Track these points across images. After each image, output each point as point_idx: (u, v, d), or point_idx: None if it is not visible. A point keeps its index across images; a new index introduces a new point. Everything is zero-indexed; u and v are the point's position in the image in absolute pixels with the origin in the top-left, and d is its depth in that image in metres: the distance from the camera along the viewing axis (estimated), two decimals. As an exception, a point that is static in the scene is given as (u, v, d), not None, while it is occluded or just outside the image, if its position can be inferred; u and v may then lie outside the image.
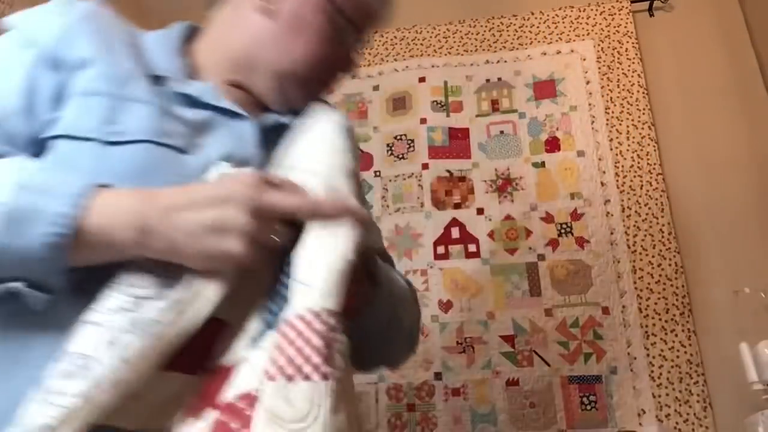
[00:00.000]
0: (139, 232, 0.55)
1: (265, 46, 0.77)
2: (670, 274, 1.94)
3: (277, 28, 0.76)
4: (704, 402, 1.79)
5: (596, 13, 2.31)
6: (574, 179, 2.10)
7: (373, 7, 0.80)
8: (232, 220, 0.54)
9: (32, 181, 0.54)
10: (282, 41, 0.76)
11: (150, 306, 0.54)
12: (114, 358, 0.50)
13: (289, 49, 0.76)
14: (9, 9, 1.82)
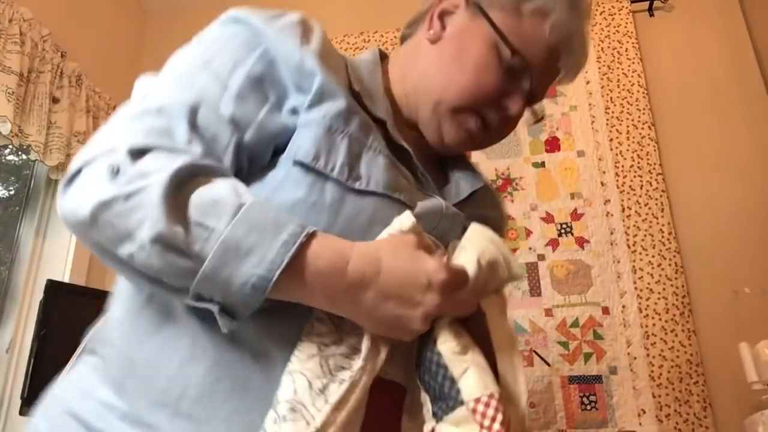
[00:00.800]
0: (339, 301, 0.56)
1: (428, 75, 0.74)
2: (670, 274, 1.94)
3: (442, 55, 0.74)
4: (704, 402, 1.79)
5: (596, 13, 2.30)
6: (574, 179, 2.10)
7: (555, 53, 0.73)
8: (428, 306, 0.56)
9: (253, 216, 0.54)
10: (444, 69, 0.73)
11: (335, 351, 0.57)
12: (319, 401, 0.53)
13: (449, 77, 0.72)
14: (9, 9, 1.82)
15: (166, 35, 2.70)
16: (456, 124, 0.73)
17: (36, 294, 1.98)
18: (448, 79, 0.72)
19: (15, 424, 1.82)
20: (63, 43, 2.07)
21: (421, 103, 0.75)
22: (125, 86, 2.83)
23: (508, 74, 0.71)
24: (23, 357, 1.86)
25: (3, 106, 1.73)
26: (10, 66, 1.78)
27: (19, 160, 2.19)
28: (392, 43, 2.41)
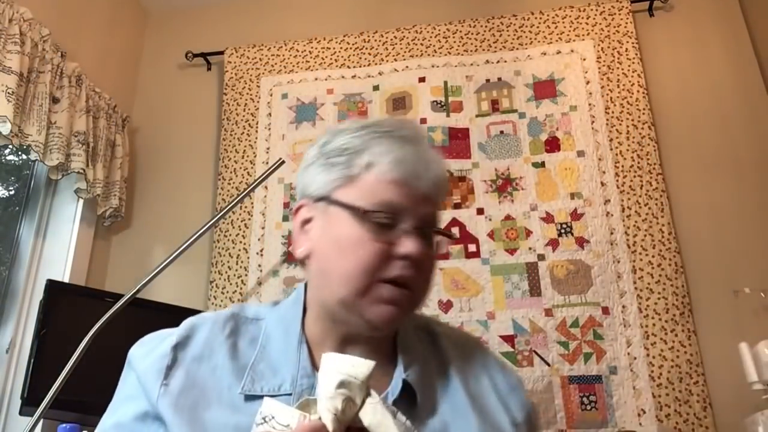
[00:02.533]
0: None
1: (319, 287, 0.76)
2: (670, 274, 1.94)
3: (320, 261, 0.75)
4: (704, 402, 1.79)
5: (596, 13, 2.31)
6: (574, 179, 2.10)
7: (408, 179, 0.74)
8: None
9: None
10: (327, 271, 0.74)
11: None
12: None
13: (335, 274, 0.73)
14: (9, 9, 1.82)
15: (166, 35, 2.70)
16: (372, 304, 0.72)
17: (36, 294, 1.98)
18: (335, 275, 0.73)
19: (15, 424, 1.82)
20: (63, 43, 2.07)
21: (334, 313, 0.75)
22: (125, 86, 2.86)
23: (383, 232, 0.72)
24: (23, 357, 1.87)
25: (3, 106, 1.73)
26: (10, 66, 1.78)
27: (19, 160, 2.19)
28: (392, 43, 2.41)
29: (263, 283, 2.16)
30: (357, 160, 0.74)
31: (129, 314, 1.62)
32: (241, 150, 2.37)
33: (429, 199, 0.75)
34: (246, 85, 2.47)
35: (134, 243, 2.36)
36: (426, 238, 0.74)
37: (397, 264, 0.72)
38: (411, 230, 0.72)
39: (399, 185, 0.73)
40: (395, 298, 0.72)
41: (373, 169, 0.74)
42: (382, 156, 0.74)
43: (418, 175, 0.74)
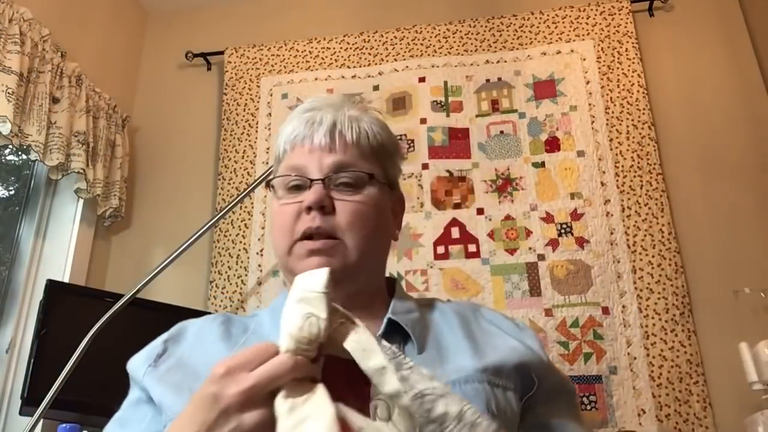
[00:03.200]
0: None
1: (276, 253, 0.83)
2: (670, 274, 1.94)
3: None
4: (704, 402, 1.79)
5: (596, 13, 2.31)
6: (574, 179, 2.10)
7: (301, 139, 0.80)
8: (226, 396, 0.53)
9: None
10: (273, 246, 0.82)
11: None
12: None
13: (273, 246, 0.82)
14: (9, 9, 1.82)
15: (166, 35, 2.70)
16: (298, 260, 0.75)
17: (36, 294, 1.98)
18: (274, 248, 0.82)
19: (15, 424, 1.82)
20: (63, 43, 2.07)
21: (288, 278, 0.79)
22: (125, 86, 2.86)
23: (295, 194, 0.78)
24: (23, 357, 1.86)
25: (3, 106, 1.73)
26: (10, 66, 1.78)
27: (19, 160, 2.19)
28: (392, 43, 2.41)
29: (263, 283, 2.16)
30: (277, 147, 0.84)
31: (129, 314, 1.62)
32: (241, 150, 2.37)
33: (327, 149, 0.78)
34: (246, 85, 2.47)
35: (134, 243, 2.36)
36: (341, 186, 0.77)
37: (305, 218, 0.75)
38: (310, 183, 0.76)
39: (295, 148, 0.80)
40: (313, 249, 0.74)
41: (281, 148, 0.83)
42: (284, 132, 0.83)
43: (307, 133, 0.79)
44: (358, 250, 0.76)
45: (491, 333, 0.79)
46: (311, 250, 0.74)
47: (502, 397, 0.70)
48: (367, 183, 0.78)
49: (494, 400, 0.69)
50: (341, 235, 0.75)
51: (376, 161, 0.82)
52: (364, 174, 0.78)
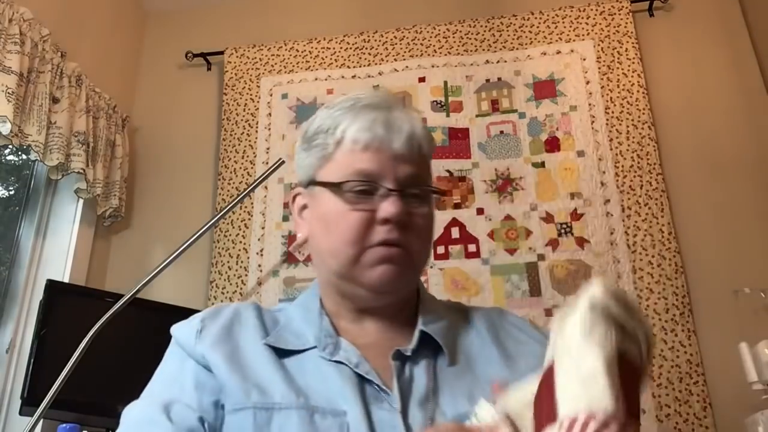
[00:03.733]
0: None
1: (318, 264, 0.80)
2: (670, 274, 1.94)
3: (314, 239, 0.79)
4: (704, 402, 1.79)
5: (596, 13, 2.31)
6: (574, 179, 2.10)
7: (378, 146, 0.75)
8: None
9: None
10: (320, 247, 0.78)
11: None
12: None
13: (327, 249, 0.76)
14: (9, 9, 1.82)
15: (166, 35, 2.70)
16: (365, 269, 0.74)
17: (36, 294, 1.98)
18: (326, 251, 0.76)
19: (15, 424, 1.82)
20: (63, 43, 2.07)
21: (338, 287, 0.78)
22: (125, 86, 2.86)
23: (362, 200, 0.74)
24: (23, 357, 1.86)
25: (3, 106, 1.73)
26: (10, 66, 1.78)
27: (19, 160, 2.19)
28: (392, 43, 2.41)
29: (263, 283, 2.16)
30: (330, 138, 0.77)
31: (129, 314, 1.61)
32: (241, 150, 2.37)
33: (404, 159, 0.75)
34: (246, 85, 2.47)
35: (134, 243, 2.36)
36: (411, 198, 0.75)
37: (381, 229, 0.73)
38: (388, 193, 0.73)
39: (368, 151, 0.74)
40: (386, 256, 0.73)
41: (343, 143, 0.76)
42: (350, 128, 0.76)
43: (386, 138, 0.75)
44: (420, 262, 0.78)
45: (519, 341, 0.79)
46: (383, 258, 0.73)
47: None
48: (430, 198, 0.79)
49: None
50: (411, 248, 0.75)
51: (429, 172, 0.82)
52: (433, 189, 0.79)
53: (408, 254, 0.75)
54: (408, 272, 0.76)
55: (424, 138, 0.78)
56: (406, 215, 0.73)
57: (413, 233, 0.75)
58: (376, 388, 0.69)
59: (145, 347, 1.85)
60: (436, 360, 0.73)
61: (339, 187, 0.74)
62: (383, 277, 0.73)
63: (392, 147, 0.75)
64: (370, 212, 0.73)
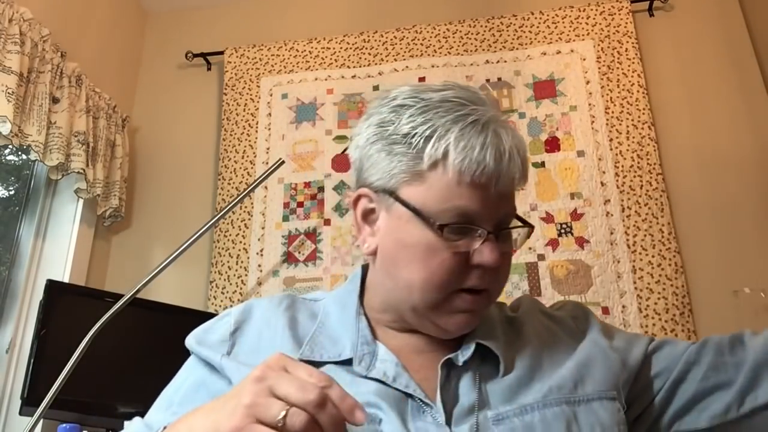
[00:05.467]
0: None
1: (387, 288, 0.72)
2: (670, 274, 1.94)
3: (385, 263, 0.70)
4: (704, 402, 1.79)
5: (596, 13, 2.31)
6: (574, 179, 2.10)
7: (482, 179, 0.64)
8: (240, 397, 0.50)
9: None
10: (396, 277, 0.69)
11: None
12: None
13: (405, 282, 0.68)
14: (9, 9, 1.82)
15: (166, 35, 2.70)
16: (446, 314, 0.68)
17: (36, 294, 1.98)
18: (404, 282, 0.67)
19: (15, 424, 1.82)
20: (63, 43, 2.07)
21: (402, 313, 0.71)
22: (125, 86, 2.85)
23: (457, 238, 0.65)
24: (23, 357, 1.86)
25: (3, 106, 1.73)
26: (10, 66, 1.78)
27: (19, 160, 2.19)
28: (392, 43, 2.41)
29: (263, 283, 2.16)
30: (425, 150, 0.65)
31: (129, 314, 1.62)
32: (241, 150, 2.37)
33: (507, 197, 0.68)
34: (246, 85, 2.47)
35: (134, 243, 2.36)
36: (504, 238, 0.69)
37: (474, 273, 0.66)
38: (488, 236, 0.65)
39: (476, 188, 0.64)
40: (471, 307, 0.68)
41: (445, 166, 0.64)
42: (455, 150, 0.64)
43: (497, 173, 0.64)
44: (496, 299, 0.72)
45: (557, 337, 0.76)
46: (468, 308, 0.68)
47: (585, 413, 0.67)
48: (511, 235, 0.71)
49: (575, 421, 0.65)
50: (494, 292, 0.70)
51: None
52: (526, 224, 0.72)
53: (491, 298, 0.70)
54: (484, 314, 0.71)
55: (526, 165, 0.68)
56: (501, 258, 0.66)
57: (501, 276, 0.69)
58: (418, 402, 0.65)
59: (145, 347, 1.86)
60: (486, 369, 0.69)
61: (431, 218, 0.65)
62: (462, 324, 0.68)
63: (500, 185, 0.65)
64: (464, 253, 0.65)
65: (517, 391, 0.67)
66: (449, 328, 0.68)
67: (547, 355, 0.72)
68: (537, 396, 0.66)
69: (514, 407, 0.65)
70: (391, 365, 0.68)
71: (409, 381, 0.66)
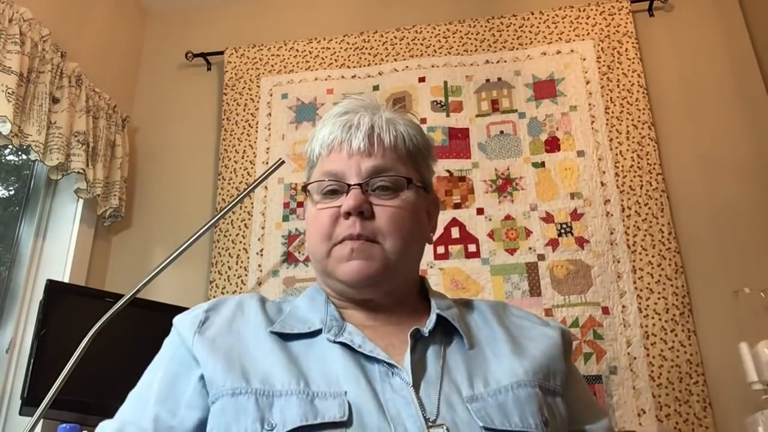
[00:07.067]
0: None
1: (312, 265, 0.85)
2: (670, 274, 1.94)
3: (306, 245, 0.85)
4: (704, 402, 1.79)
5: (596, 13, 2.31)
6: (574, 179, 2.10)
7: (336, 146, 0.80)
8: None
9: None
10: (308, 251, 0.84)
11: None
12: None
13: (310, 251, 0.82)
14: (9, 9, 1.82)
15: (166, 35, 2.70)
16: (338, 265, 0.77)
17: (36, 294, 1.98)
18: (310, 252, 0.82)
19: (15, 424, 1.82)
20: (63, 43, 2.07)
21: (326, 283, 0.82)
22: (125, 86, 2.86)
23: (332, 199, 0.78)
24: (23, 357, 1.86)
25: (3, 106, 1.73)
26: (10, 66, 1.78)
27: (19, 160, 2.19)
28: (392, 43, 2.41)
29: (263, 283, 2.16)
30: (310, 149, 0.85)
31: (129, 314, 1.61)
32: (241, 150, 2.37)
33: (366, 153, 0.79)
34: (246, 85, 2.47)
35: (134, 243, 2.36)
36: (380, 190, 0.78)
37: (345, 223, 0.76)
38: (349, 188, 0.77)
39: (332, 152, 0.80)
40: (353, 250, 0.75)
41: (316, 151, 0.83)
42: (319, 136, 0.83)
43: (346, 137, 0.79)
44: (397, 253, 0.77)
45: (524, 327, 0.81)
46: (351, 252, 0.75)
47: (553, 403, 0.72)
48: (405, 187, 0.79)
49: (546, 406, 0.70)
50: (381, 239, 0.76)
51: (413, 165, 0.83)
52: (402, 178, 0.79)
53: (380, 247, 0.76)
54: (382, 264, 0.76)
55: (390, 132, 0.80)
56: (369, 206, 0.76)
57: (383, 224, 0.76)
58: (385, 365, 0.70)
59: (145, 347, 1.85)
60: (449, 344, 0.75)
61: (307, 189, 0.81)
62: (354, 270, 0.75)
63: (351, 144, 0.79)
64: (336, 209, 0.77)
65: (483, 367, 0.72)
66: (344, 276, 0.76)
67: (516, 342, 0.77)
68: (510, 376, 0.71)
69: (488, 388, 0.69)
70: (358, 336, 0.74)
71: (374, 347, 0.72)
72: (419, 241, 0.83)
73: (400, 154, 0.81)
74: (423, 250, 0.85)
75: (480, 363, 0.73)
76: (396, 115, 0.84)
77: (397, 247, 0.77)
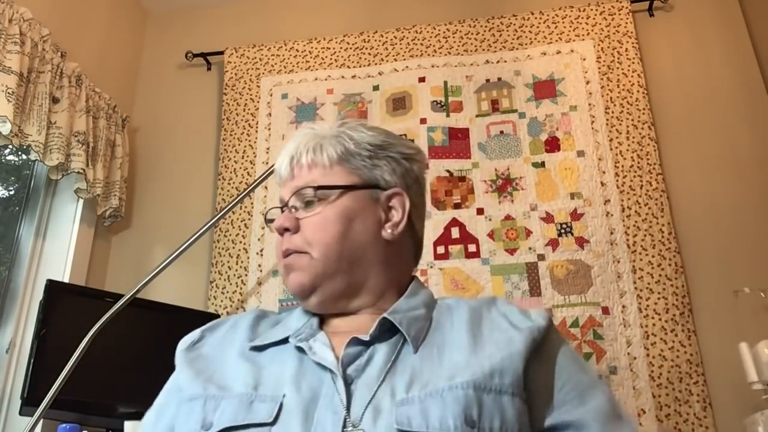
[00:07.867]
0: None
1: None
2: (670, 274, 1.94)
3: None
4: (704, 402, 1.79)
5: (596, 13, 2.31)
6: (574, 179, 2.10)
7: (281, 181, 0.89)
8: None
9: None
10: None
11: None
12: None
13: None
14: (9, 9, 1.82)
15: (166, 35, 2.70)
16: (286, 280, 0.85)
17: (36, 294, 1.98)
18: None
19: (15, 424, 1.82)
20: (63, 43, 2.07)
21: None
22: (125, 86, 2.85)
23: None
24: (23, 357, 1.86)
25: (3, 106, 1.73)
26: (10, 66, 1.78)
27: (19, 160, 2.19)
28: (392, 43, 2.41)
29: (263, 283, 2.16)
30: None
31: (129, 314, 1.62)
32: (241, 150, 2.37)
33: (289, 177, 0.87)
34: (246, 85, 2.47)
35: (134, 243, 2.36)
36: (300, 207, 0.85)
37: (281, 241, 0.85)
38: (281, 211, 0.87)
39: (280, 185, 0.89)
40: (287, 265, 0.83)
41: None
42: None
43: (278, 168, 0.89)
44: (325, 258, 0.81)
45: (499, 328, 0.77)
46: (287, 267, 0.84)
47: (491, 403, 0.68)
48: (330, 196, 0.82)
49: (477, 407, 0.67)
50: (309, 249, 0.82)
51: (347, 170, 0.84)
52: (312, 189, 0.83)
53: (307, 256, 0.81)
54: (311, 272, 0.81)
55: (309, 152, 0.85)
56: (295, 222, 0.83)
57: (307, 235, 0.82)
58: (328, 371, 0.73)
59: (145, 347, 1.86)
60: (402, 347, 0.75)
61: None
62: (292, 283, 0.83)
63: (281, 175, 0.88)
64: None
65: (428, 370, 0.72)
66: (290, 290, 0.84)
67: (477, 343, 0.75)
68: (448, 378, 0.70)
69: (422, 391, 0.69)
70: (318, 342, 0.77)
71: (325, 353, 0.75)
72: (362, 243, 0.82)
73: (324, 166, 0.84)
74: (380, 249, 0.83)
75: (428, 366, 0.72)
76: (334, 129, 0.88)
77: (323, 252, 0.80)
